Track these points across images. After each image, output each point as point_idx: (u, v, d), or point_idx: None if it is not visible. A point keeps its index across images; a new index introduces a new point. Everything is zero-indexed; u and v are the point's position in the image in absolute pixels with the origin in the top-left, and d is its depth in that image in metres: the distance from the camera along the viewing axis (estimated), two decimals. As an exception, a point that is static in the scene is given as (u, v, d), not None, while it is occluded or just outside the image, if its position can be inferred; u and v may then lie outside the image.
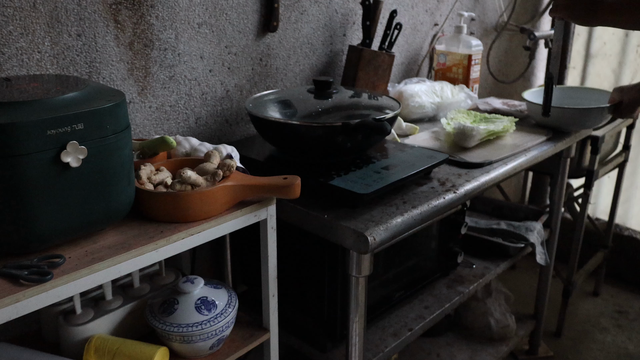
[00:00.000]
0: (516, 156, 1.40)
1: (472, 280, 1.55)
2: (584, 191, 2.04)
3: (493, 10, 2.25)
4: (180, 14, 1.26)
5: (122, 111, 0.81)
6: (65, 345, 0.97)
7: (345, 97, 1.31)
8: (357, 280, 1.05)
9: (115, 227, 0.88)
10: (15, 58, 1.04)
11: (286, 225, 1.13)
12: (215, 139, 1.41)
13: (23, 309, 0.71)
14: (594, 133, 1.87)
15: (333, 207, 1.07)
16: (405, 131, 1.53)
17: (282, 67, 1.52)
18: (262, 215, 0.99)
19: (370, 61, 1.59)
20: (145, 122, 1.26)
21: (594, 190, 2.05)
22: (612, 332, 2.25)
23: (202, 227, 0.89)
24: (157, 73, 1.26)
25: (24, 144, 0.71)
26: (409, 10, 1.86)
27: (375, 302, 1.33)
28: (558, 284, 2.23)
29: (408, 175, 1.13)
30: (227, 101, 1.42)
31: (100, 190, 0.80)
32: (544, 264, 1.75)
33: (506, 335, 1.90)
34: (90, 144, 0.77)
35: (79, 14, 1.10)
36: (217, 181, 0.93)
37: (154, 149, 1.01)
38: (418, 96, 1.63)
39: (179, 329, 0.95)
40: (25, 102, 0.73)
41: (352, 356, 1.11)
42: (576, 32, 2.52)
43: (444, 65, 1.89)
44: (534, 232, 1.73)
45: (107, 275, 0.79)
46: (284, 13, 1.48)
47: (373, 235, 0.98)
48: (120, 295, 1.04)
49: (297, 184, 0.94)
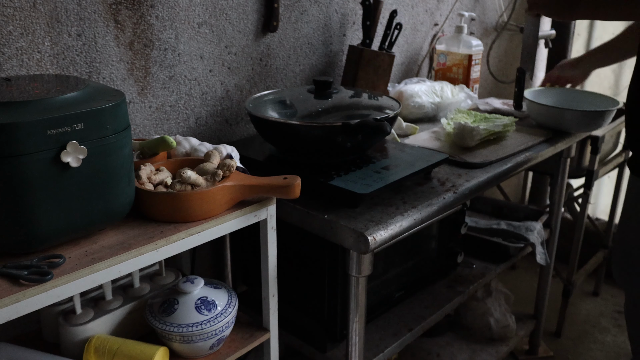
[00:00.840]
0: (516, 156, 1.40)
1: (472, 280, 1.55)
2: (584, 191, 2.04)
3: (493, 10, 2.25)
4: (180, 14, 1.26)
5: (122, 111, 0.81)
6: (65, 345, 0.97)
7: (345, 97, 1.31)
8: (357, 280, 1.05)
9: (115, 227, 0.88)
10: (15, 58, 1.04)
11: (286, 225, 1.13)
12: (215, 139, 1.41)
13: (23, 309, 0.70)
14: (593, 133, 1.87)
15: (333, 207, 1.07)
16: (405, 131, 1.53)
17: (282, 67, 1.52)
18: (262, 215, 0.99)
19: (370, 61, 1.59)
20: (145, 122, 1.26)
21: (594, 190, 2.05)
22: (612, 332, 2.25)
23: (202, 227, 0.89)
24: (157, 73, 1.26)
25: (24, 144, 0.71)
26: (409, 10, 1.86)
27: (375, 302, 1.33)
28: (558, 284, 2.23)
29: (408, 175, 1.13)
30: (227, 101, 1.42)
31: (100, 190, 0.80)
32: (544, 264, 1.75)
33: (506, 335, 1.90)
34: (90, 144, 0.77)
35: (79, 14, 1.10)
36: (217, 181, 0.93)
37: (154, 149, 1.01)
38: (418, 96, 1.63)
39: (179, 329, 0.95)
40: (25, 102, 0.73)
41: (352, 356, 1.11)
42: (576, 32, 2.52)
43: (444, 65, 1.89)
44: (534, 232, 1.73)
45: (107, 275, 0.78)
46: (284, 13, 1.48)
47: (373, 235, 0.98)
48: (120, 295, 1.04)
49: (297, 184, 0.94)
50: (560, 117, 1.55)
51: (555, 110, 1.56)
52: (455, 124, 1.43)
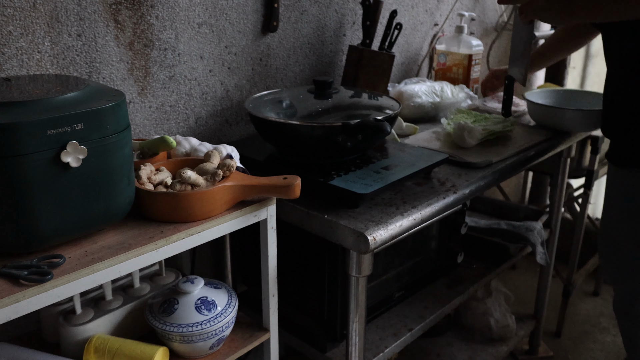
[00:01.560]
0: (516, 156, 1.40)
1: (472, 280, 1.55)
2: (584, 191, 2.04)
3: (493, 10, 2.25)
4: (180, 14, 1.26)
5: (122, 111, 0.81)
6: (65, 345, 0.97)
7: (345, 97, 1.31)
8: (357, 280, 1.05)
9: (115, 227, 0.88)
10: (15, 58, 1.04)
11: (286, 225, 1.13)
12: (215, 139, 1.41)
13: (23, 309, 0.71)
14: (593, 133, 1.87)
15: (333, 207, 1.07)
16: (405, 131, 1.53)
17: (282, 67, 1.52)
18: (262, 215, 0.99)
19: (370, 61, 1.59)
20: (145, 122, 1.26)
21: (594, 190, 2.05)
22: (612, 332, 2.25)
23: (202, 227, 0.89)
24: (157, 73, 1.26)
25: (24, 144, 0.71)
26: (409, 10, 1.86)
27: (375, 302, 1.33)
28: (558, 284, 2.23)
29: (408, 175, 1.13)
30: (227, 101, 1.42)
31: (100, 190, 0.80)
32: (544, 264, 1.75)
33: (506, 335, 1.90)
34: (90, 144, 0.77)
35: (79, 14, 1.10)
36: (217, 181, 0.93)
37: (154, 149, 1.01)
38: (418, 96, 1.63)
39: (179, 329, 0.95)
40: (25, 102, 0.73)
41: (352, 356, 1.11)
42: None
43: (444, 65, 1.89)
44: (534, 232, 1.73)
45: (107, 275, 0.79)
46: (284, 13, 1.48)
47: (373, 235, 0.98)
48: (120, 295, 1.05)
49: (297, 184, 0.94)
50: (560, 117, 1.55)
51: (555, 110, 1.56)
52: (455, 124, 1.43)
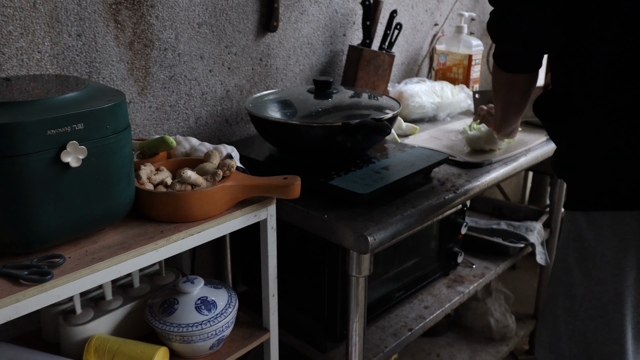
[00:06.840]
0: (516, 156, 1.40)
1: (472, 280, 1.55)
2: (584, 191, 2.03)
3: (493, 10, 2.25)
4: (180, 14, 1.26)
5: (122, 111, 0.81)
6: (65, 345, 0.97)
7: (345, 97, 1.31)
8: (357, 280, 1.05)
9: (115, 227, 0.87)
10: (15, 58, 1.04)
11: (286, 225, 1.13)
12: (215, 139, 1.41)
13: (23, 309, 0.71)
14: (594, 133, 1.87)
15: (333, 207, 1.07)
16: (405, 131, 1.53)
17: (282, 67, 1.52)
18: (262, 215, 0.99)
19: (370, 61, 1.59)
20: (145, 122, 1.26)
21: (594, 190, 2.04)
22: (612, 332, 2.25)
23: (202, 227, 0.89)
24: (157, 73, 1.26)
25: (24, 144, 0.71)
26: (409, 10, 1.86)
27: (375, 302, 1.33)
28: (558, 284, 2.23)
29: (408, 175, 1.13)
30: (227, 101, 1.42)
31: (100, 190, 0.80)
32: (544, 264, 1.75)
33: (506, 335, 1.90)
34: (90, 144, 0.77)
35: (79, 14, 1.10)
36: (217, 181, 0.93)
37: (154, 149, 1.01)
38: (418, 96, 1.63)
39: (179, 329, 0.95)
40: (25, 102, 0.73)
41: (352, 356, 1.11)
42: None
43: (444, 65, 1.89)
44: (534, 232, 1.73)
45: (107, 275, 0.79)
46: (284, 13, 1.48)
47: (373, 235, 0.98)
48: (120, 295, 1.04)
49: (297, 184, 0.94)
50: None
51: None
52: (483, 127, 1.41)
